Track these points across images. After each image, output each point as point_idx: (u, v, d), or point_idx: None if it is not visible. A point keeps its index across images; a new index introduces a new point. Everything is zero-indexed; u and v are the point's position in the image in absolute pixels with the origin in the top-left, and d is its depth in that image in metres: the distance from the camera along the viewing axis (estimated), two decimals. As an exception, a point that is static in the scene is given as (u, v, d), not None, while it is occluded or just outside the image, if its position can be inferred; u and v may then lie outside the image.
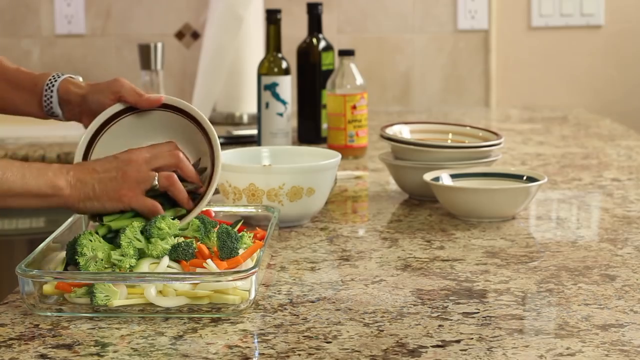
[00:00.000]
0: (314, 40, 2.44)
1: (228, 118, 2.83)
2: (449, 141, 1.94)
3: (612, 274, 1.36)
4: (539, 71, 3.15)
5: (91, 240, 1.26)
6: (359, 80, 2.29)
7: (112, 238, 1.30)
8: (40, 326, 1.18)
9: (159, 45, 2.57)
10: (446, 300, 1.26)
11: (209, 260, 1.25)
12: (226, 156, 1.71)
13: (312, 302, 1.26)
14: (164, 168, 1.37)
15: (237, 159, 1.72)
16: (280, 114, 2.32)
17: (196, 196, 1.39)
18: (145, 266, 1.26)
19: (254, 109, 2.80)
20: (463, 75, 3.13)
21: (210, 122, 1.43)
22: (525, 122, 2.84)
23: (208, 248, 1.30)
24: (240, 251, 1.31)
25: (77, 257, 1.25)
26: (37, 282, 1.22)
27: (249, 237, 1.35)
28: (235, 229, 1.34)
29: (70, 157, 2.46)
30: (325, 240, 1.57)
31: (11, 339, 1.14)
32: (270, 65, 2.33)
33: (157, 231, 1.28)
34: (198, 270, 1.26)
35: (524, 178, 1.73)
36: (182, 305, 1.21)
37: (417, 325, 1.17)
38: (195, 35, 3.11)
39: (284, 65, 2.33)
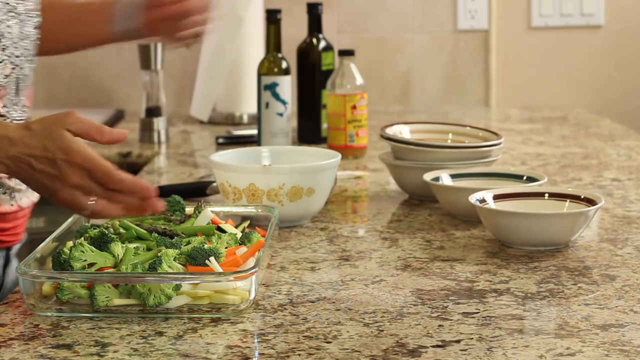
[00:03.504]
0: (314, 40, 2.44)
1: (228, 118, 2.83)
2: (449, 141, 1.94)
3: (612, 274, 1.36)
4: (539, 71, 3.15)
5: (83, 252, 1.25)
6: (359, 80, 2.29)
7: (103, 244, 1.29)
8: (40, 326, 1.18)
9: (159, 45, 2.57)
10: (446, 300, 1.26)
11: (211, 259, 1.25)
12: (226, 156, 1.71)
13: (312, 302, 1.26)
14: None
15: (237, 159, 1.72)
16: (280, 114, 2.32)
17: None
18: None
19: (254, 109, 2.80)
20: (463, 75, 3.13)
21: (210, 122, 1.43)
22: (525, 122, 2.84)
23: (213, 249, 1.30)
24: (243, 248, 1.32)
25: (70, 261, 1.25)
26: (37, 282, 1.22)
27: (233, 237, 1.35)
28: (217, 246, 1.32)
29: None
30: (325, 240, 1.57)
31: (11, 339, 1.14)
32: (270, 65, 2.33)
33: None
34: (198, 270, 1.26)
35: (524, 178, 1.72)
36: (182, 305, 1.21)
37: (417, 325, 1.17)
38: (195, 35, 3.10)
39: (284, 65, 2.33)
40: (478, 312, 1.21)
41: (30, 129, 1.28)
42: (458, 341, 1.12)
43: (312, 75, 2.44)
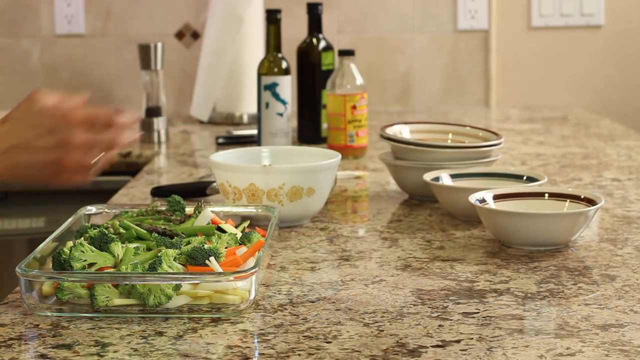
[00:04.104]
0: (314, 40, 2.44)
1: (228, 118, 2.83)
2: (449, 141, 1.94)
3: (612, 274, 1.36)
4: (539, 71, 3.15)
5: (83, 252, 1.25)
6: (359, 80, 2.29)
7: (103, 244, 1.29)
8: (40, 326, 1.18)
9: (159, 45, 2.57)
10: (446, 300, 1.26)
11: (211, 259, 1.25)
12: (226, 156, 1.71)
13: (312, 302, 1.26)
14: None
15: (237, 159, 1.72)
16: (280, 114, 2.32)
17: None
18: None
19: (254, 109, 2.81)
20: (463, 75, 3.13)
21: (210, 122, 1.43)
22: (525, 122, 2.84)
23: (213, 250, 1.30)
24: (243, 248, 1.32)
25: (70, 261, 1.24)
26: (37, 282, 1.22)
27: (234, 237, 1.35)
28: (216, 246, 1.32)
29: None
30: (325, 240, 1.57)
31: (11, 339, 1.14)
32: (270, 65, 2.33)
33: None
34: (198, 270, 1.26)
35: (524, 178, 1.72)
36: (182, 305, 1.21)
37: (417, 325, 1.17)
38: (195, 35, 3.11)
39: (284, 65, 2.33)
40: (478, 312, 1.21)
41: (10, 119, 1.28)
42: (458, 341, 1.12)
43: (312, 75, 2.44)
